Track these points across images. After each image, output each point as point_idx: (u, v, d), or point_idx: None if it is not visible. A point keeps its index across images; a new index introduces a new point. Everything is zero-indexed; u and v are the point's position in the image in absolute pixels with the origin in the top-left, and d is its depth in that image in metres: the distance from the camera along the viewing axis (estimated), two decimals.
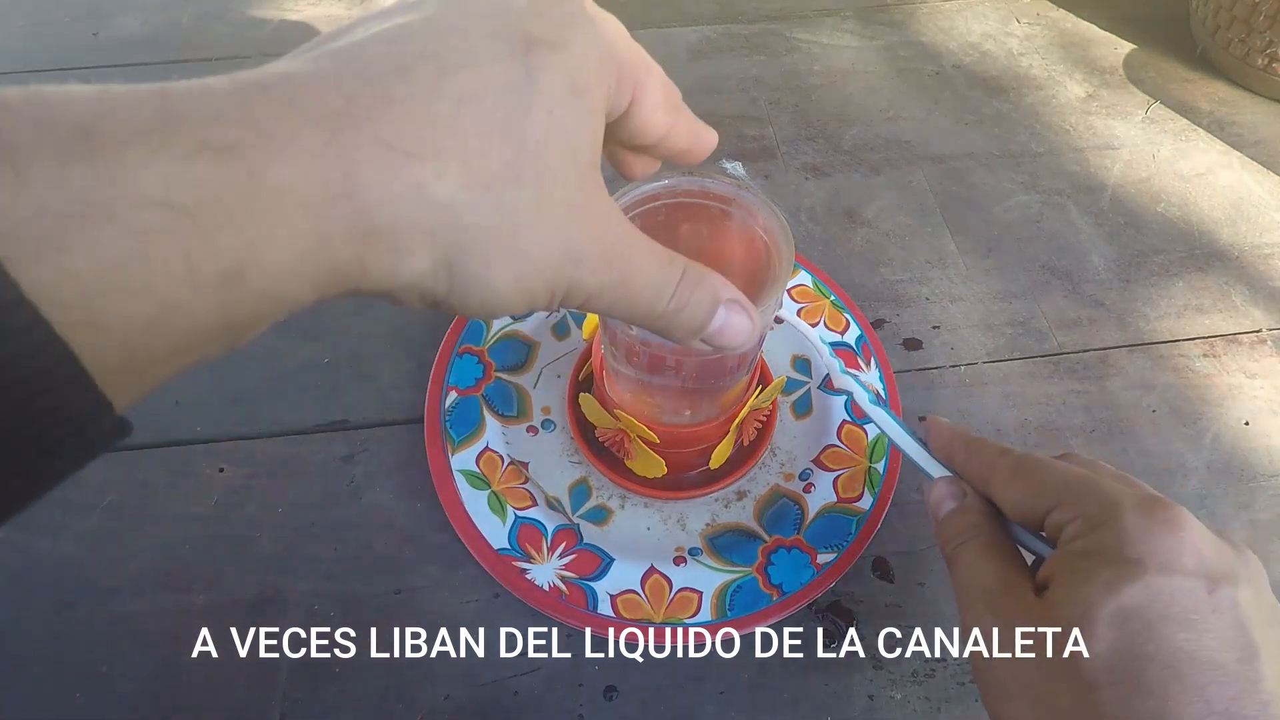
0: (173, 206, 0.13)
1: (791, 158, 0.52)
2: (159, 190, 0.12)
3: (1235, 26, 0.55)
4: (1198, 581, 0.22)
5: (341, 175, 0.14)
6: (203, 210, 0.13)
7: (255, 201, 0.13)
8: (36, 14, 0.61)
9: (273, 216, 0.14)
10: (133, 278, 0.12)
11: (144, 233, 0.12)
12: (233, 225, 0.13)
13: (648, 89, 0.20)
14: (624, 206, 0.28)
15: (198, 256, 0.13)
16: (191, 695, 0.32)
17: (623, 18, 0.20)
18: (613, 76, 0.19)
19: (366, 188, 0.15)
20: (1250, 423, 0.41)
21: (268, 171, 0.14)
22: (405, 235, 0.15)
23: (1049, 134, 0.54)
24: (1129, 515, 0.23)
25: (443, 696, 0.32)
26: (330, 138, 0.14)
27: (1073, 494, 0.25)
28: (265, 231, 0.14)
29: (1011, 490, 0.27)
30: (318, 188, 0.14)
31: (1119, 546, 0.22)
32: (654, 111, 0.20)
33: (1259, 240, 0.49)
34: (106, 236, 0.12)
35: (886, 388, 0.40)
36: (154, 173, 0.12)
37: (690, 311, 0.21)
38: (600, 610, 0.33)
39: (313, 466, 0.38)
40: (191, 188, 0.13)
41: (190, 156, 0.13)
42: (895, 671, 0.34)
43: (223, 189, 0.13)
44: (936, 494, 0.29)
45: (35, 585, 0.34)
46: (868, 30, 0.62)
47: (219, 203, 0.13)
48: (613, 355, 0.32)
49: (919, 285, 0.46)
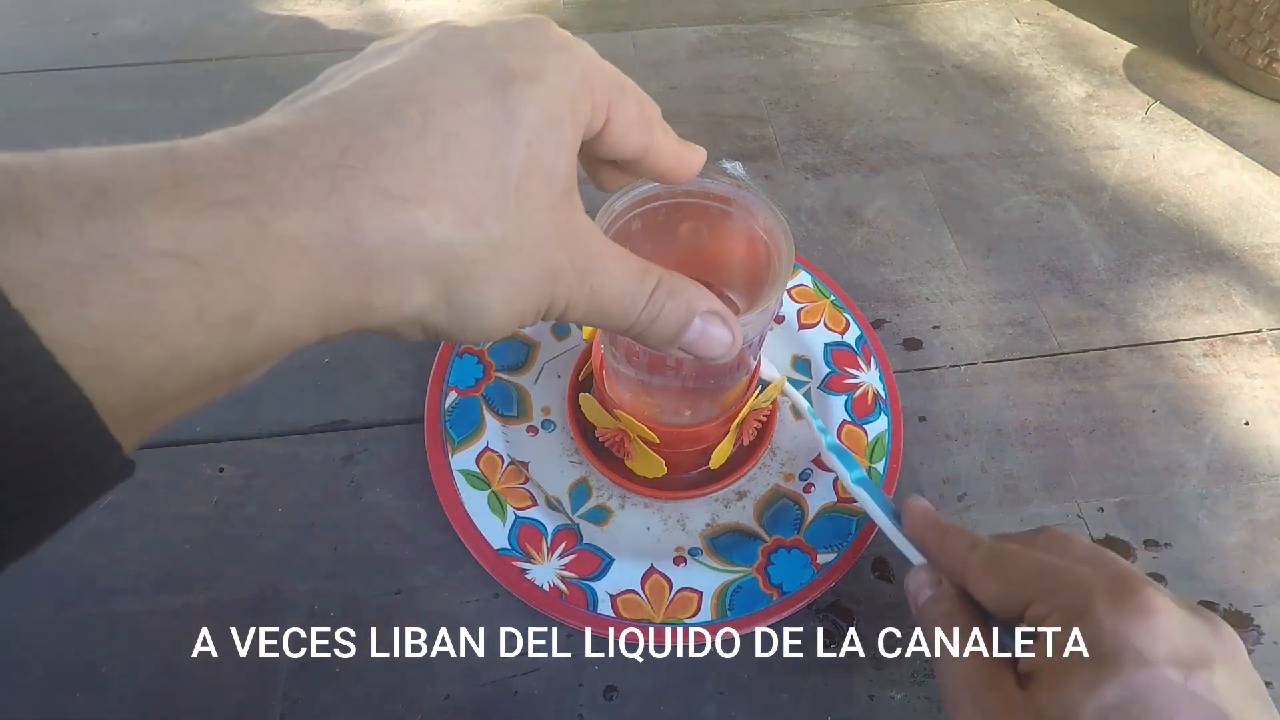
0: (183, 257, 0.13)
1: (791, 158, 0.52)
2: (170, 243, 0.13)
3: (1235, 26, 0.55)
4: (1173, 671, 0.22)
5: (343, 223, 0.15)
6: (212, 260, 0.14)
7: (262, 251, 0.14)
8: (36, 14, 0.61)
9: (279, 264, 0.15)
10: (146, 324, 0.13)
11: (156, 282, 0.13)
12: (241, 273, 0.14)
13: (620, 108, 0.21)
14: (624, 206, 0.28)
15: (208, 303, 0.14)
16: (191, 695, 0.32)
17: (622, 17, 0.20)
18: (586, 102, 0.19)
19: (368, 234, 0.16)
20: (1250, 423, 0.41)
21: (272, 223, 0.14)
22: (406, 275, 0.16)
23: (1049, 134, 0.54)
24: (1101, 606, 0.23)
25: (443, 696, 0.32)
26: (330, 188, 0.15)
27: (1046, 588, 0.25)
28: (272, 278, 0.15)
29: (987, 586, 0.27)
30: (321, 236, 0.15)
31: (1094, 642, 0.23)
32: (629, 129, 0.21)
33: (1259, 240, 0.49)
34: (121, 286, 0.13)
35: (887, 388, 0.40)
36: (165, 227, 0.13)
37: (664, 321, 0.22)
38: (600, 610, 0.33)
39: (313, 466, 0.38)
40: (201, 239, 0.14)
41: (199, 211, 0.14)
42: (895, 671, 0.34)
43: (230, 240, 0.14)
44: (913, 582, 0.30)
45: (35, 585, 0.34)
46: (868, 30, 0.62)
47: (227, 253, 0.14)
48: (613, 355, 0.32)
49: (919, 285, 0.46)
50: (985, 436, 0.40)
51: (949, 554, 0.29)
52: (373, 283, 0.16)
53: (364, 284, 0.16)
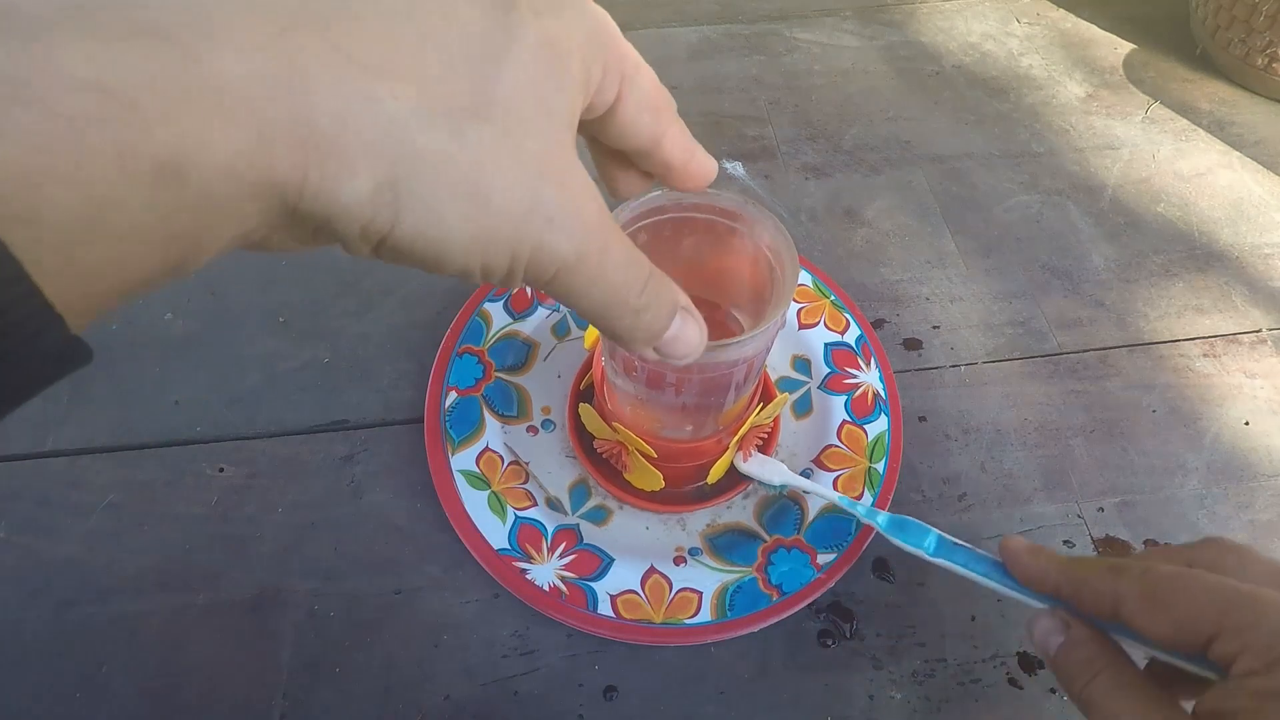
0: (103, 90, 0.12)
1: (791, 158, 0.52)
2: (88, 71, 0.12)
3: (1235, 26, 0.55)
4: None
5: (288, 72, 0.13)
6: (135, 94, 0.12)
7: (192, 90, 0.12)
8: None
9: (211, 108, 0.13)
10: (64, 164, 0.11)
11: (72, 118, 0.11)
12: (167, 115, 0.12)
13: (635, 84, 0.19)
14: (629, 218, 0.27)
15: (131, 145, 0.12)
16: (191, 695, 0.32)
17: (623, 17, 0.20)
18: (598, 59, 0.18)
19: (314, 90, 0.14)
20: (1250, 423, 0.41)
21: (207, 59, 0.13)
22: (350, 148, 0.14)
23: (1049, 134, 0.54)
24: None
25: (443, 696, 0.32)
26: (278, 32, 0.13)
27: (1234, 622, 0.22)
28: (202, 122, 0.13)
29: (1154, 622, 0.24)
30: (261, 82, 0.13)
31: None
32: (641, 111, 0.20)
33: (1259, 240, 0.49)
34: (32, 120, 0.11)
35: (887, 388, 0.40)
36: (82, 53, 0.12)
37: (654, 312, 0.20)
38: (600, 610, 0.33)
39: (313, 466, 0.38)
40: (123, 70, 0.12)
41: (121, 39, 0.12)
42: (895, 671, 0.34)
43: (157, 74, 0.12)
44: (1040, 630, 0.27)
45: (35, 585, 0.34)
46: (868, 30, 0.62)
47: (152, 89, 0.12)
48: (612, 370, 0.32)
49: (919, 285, 0.46)
50: (985, 436, 0.40)
51: (1090, 591, 0.26)
52: (312, 151, 0.14)
53: (302, 150, 0.14)
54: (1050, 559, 0.28)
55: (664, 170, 0.22)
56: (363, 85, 0.14)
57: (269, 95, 0.13)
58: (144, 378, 0.40)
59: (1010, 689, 0.34)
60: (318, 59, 0.14)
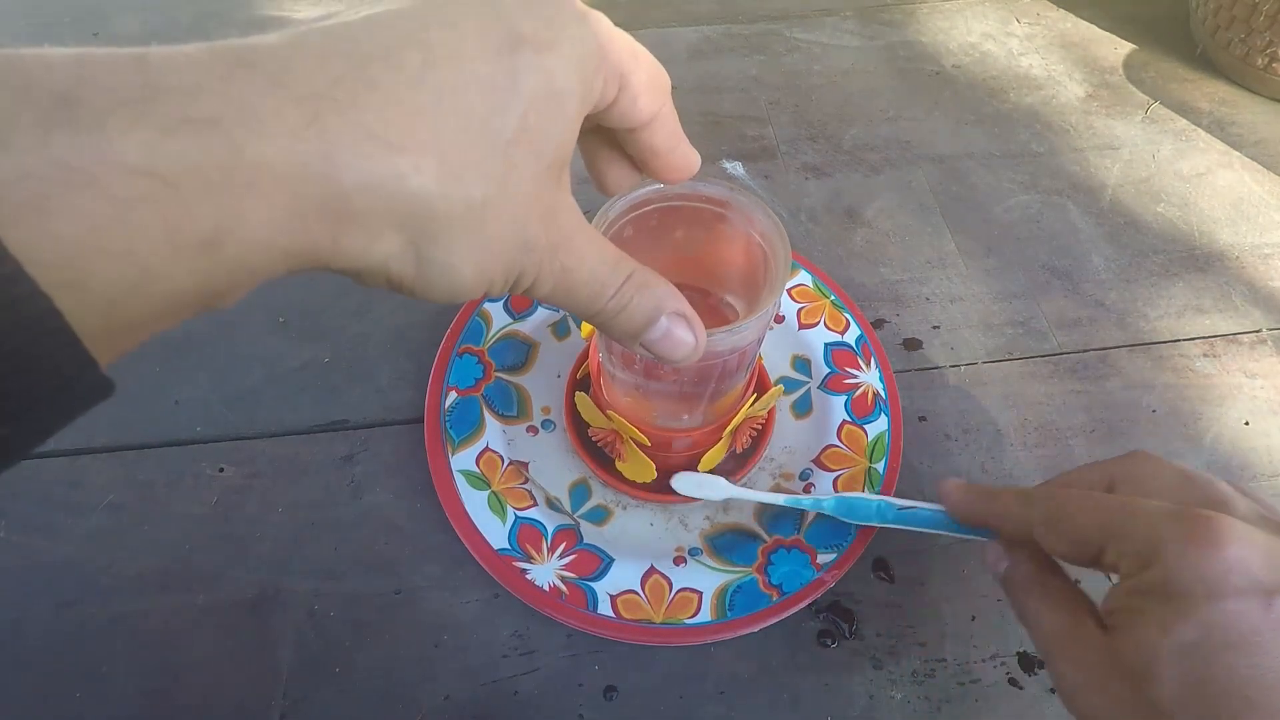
0: (153, 175, 0.13)
1: (791, 158, 0.52)
2: (140, 159, 0.13)
3: (1235, 26, 0.55)
4: (1251, 601, 0.21)
5: (321, 157, 0.15)
6: (183, 180, 0.13)
7: (234, 174, 0.14)
8: (36, 14, 0.61)
9: (251, 190, 0.14)
10: (114, 241, 0.13)
11: (125, 199, 0.13)
12: (212, 196, 0.14)
13: (634, 73, 0.20)
14: (619, 211, 0.28)
15: (177, 223, 0.13)
16: (191, 695, 0.32)
17: (622, 17, 0.20)
18: (599, 77, 0.19)
19: (344, 172, 0.15)
20: (1250, 423, 0.41)
21: (248, 147, 0.14)
22: (378, 220, 0.16)
23: (1049, 134, 0.54)
24: (1170, 545, 0.23)
25: (443, 696, 0.32)
26: (312, 118, 0.15)
27: (1114, 535, 0.25)
28: (243, 204, 0.14)
29: (1055, 544, 0.27)
30: (297, 166, 0.15)
31: (1165, 582, 0.22)
32: (639, 95, 0.21)
33: (1259, 240, 0.49)
34: (88, 202, 0.12)
35: (887, 388, 0.40)
36: (135, 142, 0.13)
37: (629, 314, 0.21)
38: (600, 610, 0.33)
39: (313, 466, 0.38)
40: (173, 158, 0.13)
41: (172, 128, 0.13)
42: (895, 671, 0.34)
43: (203, 160, 0.13)
44: (990, 557, 0.30)
45: (35, 585, 0.34)
46: (868, 30, 0.62)
47: (199, 173, 0.13)
48: (609, 361, 0.32)
49: (919, 285, 0.46)
50: (985, 436, 0.40)
51: (1009, 521, 0.29)
52: (343, 222, 0.16)
53: (334, 222, 0.15)
54: (979, 495, 0.31)
55: (649, 155, 0.23)
56: (387, 162, 0.16)
57: (303, 178, 0.15)
58: (144, 378, 0.40)
59: (1010, 689, 0.34)
60: (348, 142, 0.15)
